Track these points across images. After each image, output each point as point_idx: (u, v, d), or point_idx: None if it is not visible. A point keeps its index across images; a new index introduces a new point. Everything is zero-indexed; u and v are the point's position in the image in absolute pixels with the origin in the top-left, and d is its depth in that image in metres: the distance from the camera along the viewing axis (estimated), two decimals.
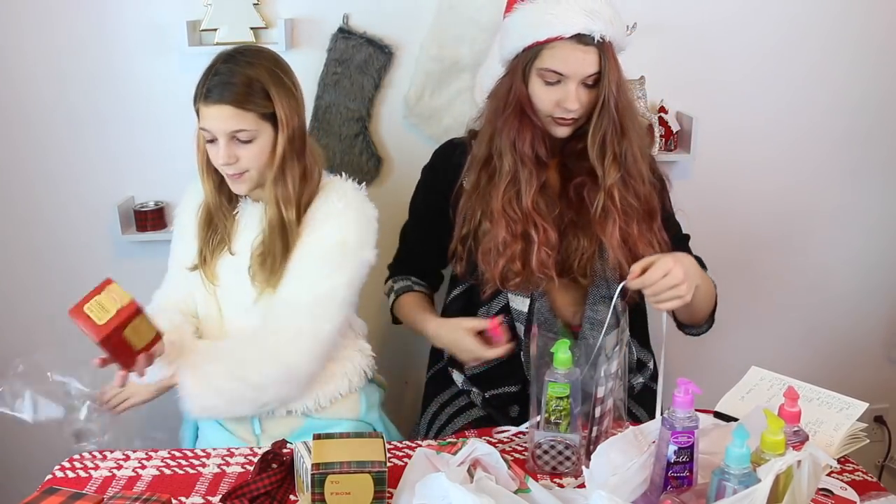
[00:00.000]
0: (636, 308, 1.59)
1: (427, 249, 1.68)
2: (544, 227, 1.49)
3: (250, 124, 1.43)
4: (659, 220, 1.54)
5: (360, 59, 1.96)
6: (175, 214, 1.68)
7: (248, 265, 1.53)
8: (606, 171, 1.48)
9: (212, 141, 1.46)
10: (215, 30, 1.92)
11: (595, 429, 1.26)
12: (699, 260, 1.58)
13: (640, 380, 1.62)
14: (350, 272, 1.50)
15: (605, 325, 1.35)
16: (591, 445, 1.26)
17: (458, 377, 1.63)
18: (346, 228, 1.49)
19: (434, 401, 1.68)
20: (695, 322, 1.61)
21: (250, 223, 1.55)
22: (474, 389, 1.60)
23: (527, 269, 1.49)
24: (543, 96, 1.46)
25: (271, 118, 1.45)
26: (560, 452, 1.27)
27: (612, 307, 1.38)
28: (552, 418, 1.26)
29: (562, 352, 1.25)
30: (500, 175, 1.51)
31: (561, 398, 1.26)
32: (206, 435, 1.61)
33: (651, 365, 1.66)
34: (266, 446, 1.34)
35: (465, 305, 1.64)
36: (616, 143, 1.48)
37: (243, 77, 1.43)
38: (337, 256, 1.48)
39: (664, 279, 1.32)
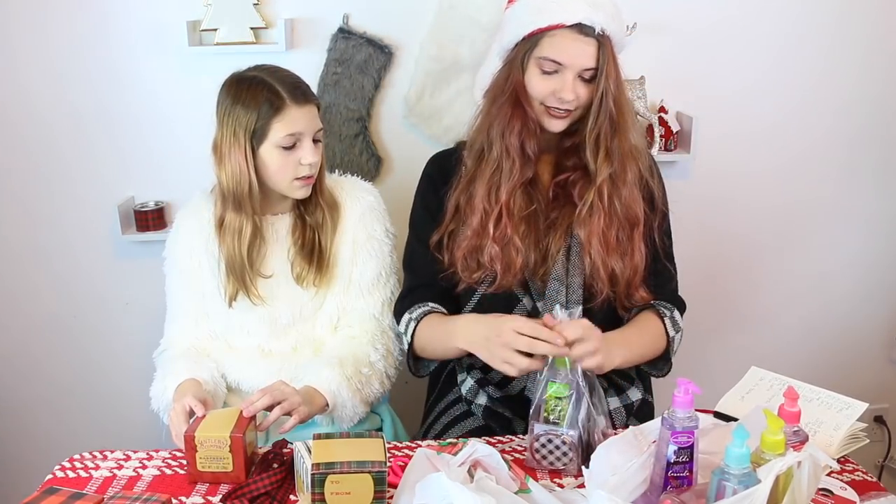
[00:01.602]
0: (616, 316, 1.54)
1: (433, 259, 1.55)
2: (507, 223, 1.47)
3: (321, 123, 1.54)
4: (641, 228, 1.50)
5: (360, 59, 1.96)
6: (170, 258, 1.65)
7: (294, 273, 1.58)
8: (598, 168, 1.47)
9: (290, 147, 1.48)
10: (215, 30, 1.92)
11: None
12: (679, 302, 1.56)
13: (638, 395, 1.59)
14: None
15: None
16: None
17: (467, 383, 1.58)
18: (385, 217, 1.66)
19: (433, 411, 1.67)
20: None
21: (277, 237, 1.59)
22: (480, 392, 1.56)
23: (481, 266, 1.48)
24: (539, 85, 1.44)
25: None
26: (557, 447, 1.27)
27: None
28: (550, 417, 1.26)
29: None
30: (487, 163, 1.50)
31: (560, 398, 1.25)
32: None
33: (638, 377, 1.62)
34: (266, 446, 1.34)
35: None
36: (609, 139, 1.46)
37: (304, 82, 1.52)
38: (388, 245, 1.66)
39: (581, 344, 1.27)
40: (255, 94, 1.46)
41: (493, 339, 1.32)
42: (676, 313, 1.54)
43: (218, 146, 1.50)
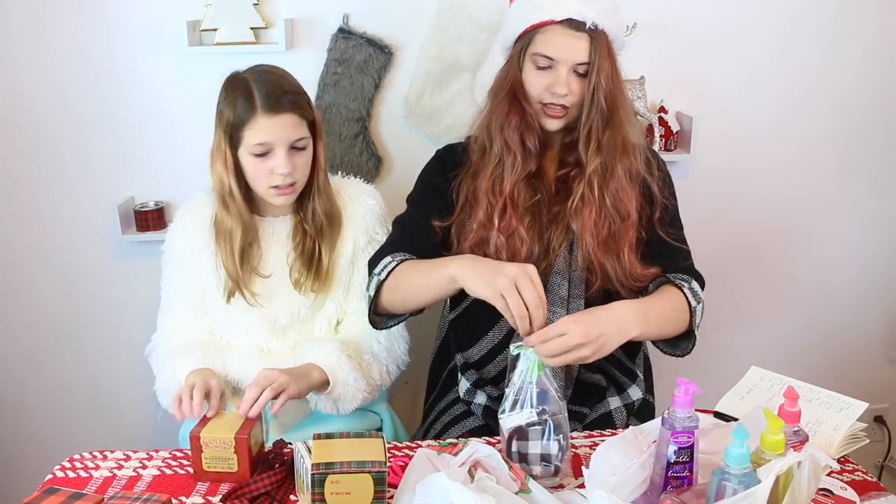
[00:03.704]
0: None
1: (428, 225, 1.54)
2: (512, 214, 1.48)
3: (305, 132, 1.50)
4: (632, 224, 1.49)
5: (360, 59, 1.96)
6: (170, 252, 1.64)
7: (292, 279, 1.57)
8: (588, 160, 1.48)
9: (263, 155, 1.46)
10: (215, 30, 1.91)
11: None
12: (697, 275, 1.52)
13: (639, 395, 1.58)
14: None
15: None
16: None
17: (463, 385, 1.59)
18: (386, 220, 1.65)
19: (433, 411, 1.67)
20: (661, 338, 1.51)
21: (277, 238, 1.59)
22: (478, 392, 1.56)
23: (488, 257, 1.47)
24: (535, 81, 1.47)
25: (311, 126, 1.52)
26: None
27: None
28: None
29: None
30: (490, 157, 1.52)
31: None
32: None
33: (642, 375, 1.62)
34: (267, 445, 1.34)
35: (469, 324, 1.57)
36: (601, 133, 1.47)
37: (293, 86, 1.49)
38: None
39: (560, 339, 1.23)
40: (235, 95, 1.46)
41: (503, 270, 1.25)
42: (695, 284, 1.50)
43: (213, 147, 1.52)
